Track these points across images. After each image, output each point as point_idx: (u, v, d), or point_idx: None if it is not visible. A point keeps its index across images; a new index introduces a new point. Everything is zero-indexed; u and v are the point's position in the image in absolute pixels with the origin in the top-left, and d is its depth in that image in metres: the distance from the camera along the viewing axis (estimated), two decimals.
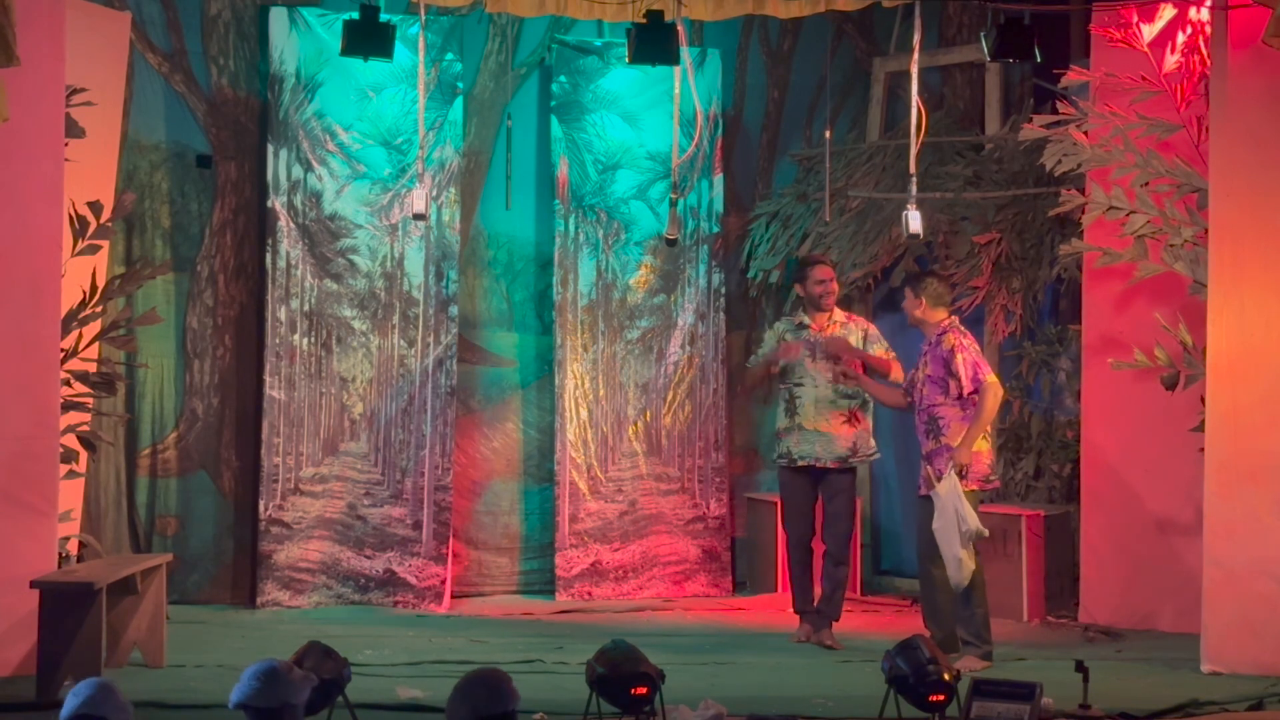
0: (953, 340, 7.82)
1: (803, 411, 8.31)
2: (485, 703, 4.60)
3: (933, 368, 7.84)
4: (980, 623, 7.72)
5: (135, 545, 9.23)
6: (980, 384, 7.73)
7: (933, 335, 7.91)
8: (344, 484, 9.45)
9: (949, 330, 7.88)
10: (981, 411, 7.72)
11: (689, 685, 6.75)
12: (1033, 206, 9.71)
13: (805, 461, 8.31)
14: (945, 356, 7.79)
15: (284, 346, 9.38)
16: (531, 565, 10.03)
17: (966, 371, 7.74)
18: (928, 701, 5.98)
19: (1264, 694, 6.90)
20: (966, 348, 7.82)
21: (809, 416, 8.29)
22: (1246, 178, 7.48)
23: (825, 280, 8.43)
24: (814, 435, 8.28)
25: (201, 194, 9.48)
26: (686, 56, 8.45)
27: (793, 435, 8.33)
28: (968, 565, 7.57)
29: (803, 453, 8.31)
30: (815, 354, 8.29)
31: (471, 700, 4.60)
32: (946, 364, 7.78)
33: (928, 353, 7.91)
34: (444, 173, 9.62)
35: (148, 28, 9.30)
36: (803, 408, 8.31)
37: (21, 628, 6.95)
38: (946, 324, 7.91)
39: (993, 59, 8.40)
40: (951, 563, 7.58)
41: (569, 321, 9.91)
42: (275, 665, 4.76)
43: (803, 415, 8.31)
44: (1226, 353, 7.52)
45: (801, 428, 8.30)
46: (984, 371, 7.78)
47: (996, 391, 7.75)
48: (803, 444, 8.31)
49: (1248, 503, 7.41)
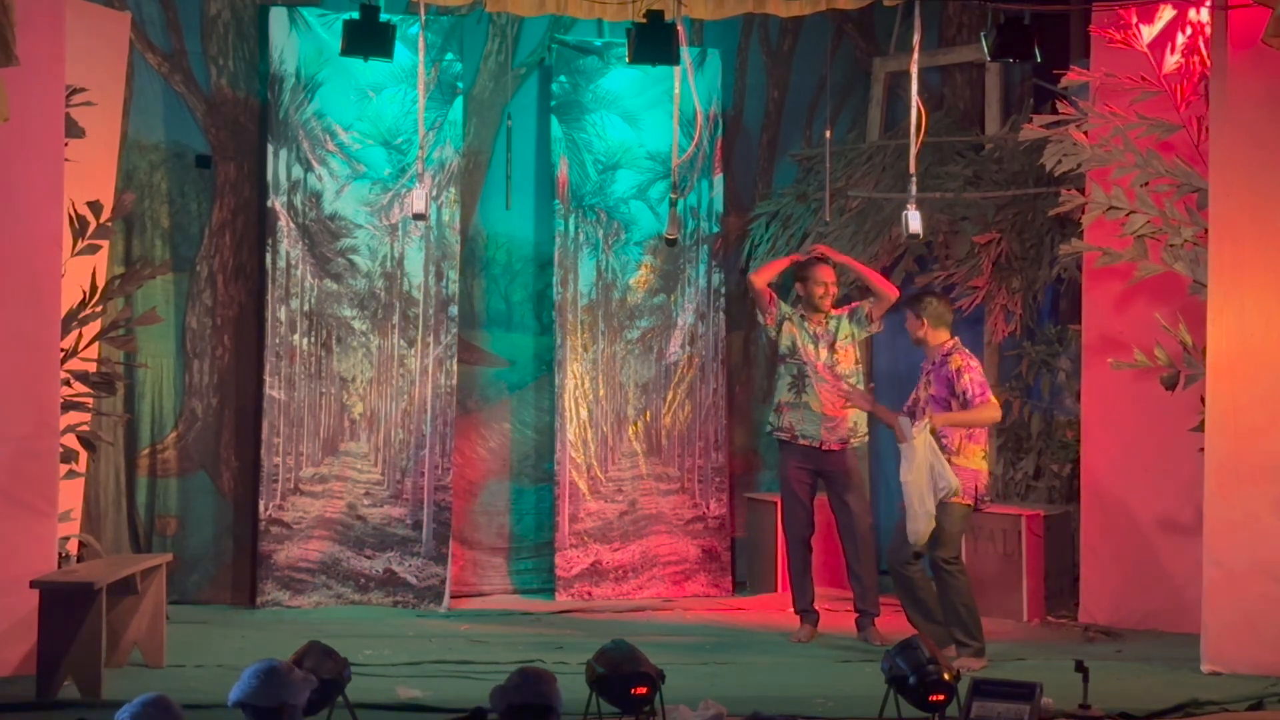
0: (959, 361, 7.85)
1: (811, 391, 8.38)
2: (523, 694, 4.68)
3: (937, 388, 7.86)
4: (970, 622, 7.74)
5: (135, 545, 9.23)
6: (984, 401, 7.79)
7: (937, 356, 7.92)
8: (344, 484, 9.44)
9: (955, 351, 7.90)
10: (972, 412, 7.78)
11: (689, 685, 6.75)
12: (1033, 206, 9.71)
13: (808, 441, 8.38)
14: (950, 376, 7.81)
15: (284, 346, 9.38)
16: (528, 565, 10.03)
17: (974, 390, 7.76)
18: (928, 701, 5.98)
19: (1264, 694, 6.90)
20: (973, 369, 7.86)
21: (817, 399, 8.38)
22: (1246, 178, 7.48)
23: (827, 283, 8.49)
24: (820, 418, 8.37)
25: (201, 194, 9.48)
26: (686, 56, 8.45)
27: (797, 412, 8.41)
28: (932, 520, 7.66)
29: (806, 432, 8.40)
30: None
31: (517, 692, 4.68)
32: (951, 384, 7.80)
33: (930, 372, 7.93)
34: (444, 173, 9.62)
35: (147, 28, 9.30)
36: (811, 388, 8.38)
37: (21, 628, 6.95)
38: (951, 345, 7.93)
39: (993, 59, 8.41)
40: (923, 518, 7.65)
41: (569, 321, 9.91)
42: (275, 664, 4.77)
43: (810, 395, 8.39)
44: (1226, 353, 7.52)
45: (808, 407, 8.39)
46: (989, 393, 7.86)
47: (996, 412, 7.89)
48: (807, 424, 8.39)
49: (1248, 503, 7.42)
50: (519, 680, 4.85)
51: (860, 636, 8.32)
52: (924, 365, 8.03)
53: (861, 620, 8.35)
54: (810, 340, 8.44)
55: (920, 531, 7.66)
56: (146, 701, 4.52)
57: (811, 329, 8.47)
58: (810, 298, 8.48)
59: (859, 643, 8.24)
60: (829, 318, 8.50)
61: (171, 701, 4.58)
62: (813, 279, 8.48)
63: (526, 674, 4.89)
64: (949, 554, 7.81)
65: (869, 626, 8.30)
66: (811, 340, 8.44)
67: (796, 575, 8.51)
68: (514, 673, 4.91)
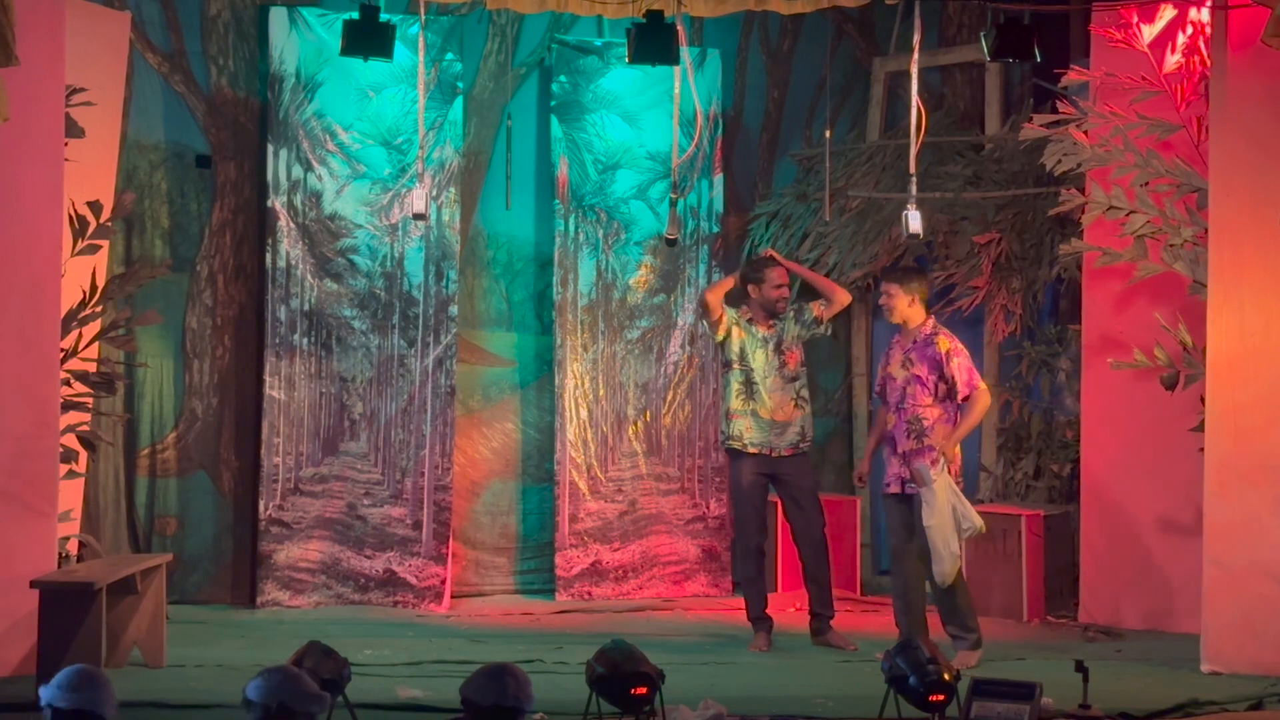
0: (948, 344, 7.81)
1: (759, 399, 8.26)
2: (491, 694, 4.64)
3: (920, 368, 7.81)
4: (966, 613, 7.76)
5: (135, 545, 9.23)
6: (974, 389, 7.77)
7: (919, 335, 7.87)
8: (344, 484, 9.45)
9: (939, 333, 7.87)
10: (970, 415, 7.78)
11: (689, 685, 6.74)
12: (1033, 206, 9.71)
13: (757, 449, 8.27)
14: (939, 359, 7.78)
15: (284, 346, 9.38)
16: (530, 565, 10.03)
17: (962, 376, 7.75)
18: (928, 701, 5.97)
19: (1264, 694, 6.90)
20: (963, 352, 7.83)
21: (766, 405, 8.26)
22: (1246, 178, 7.48)
23: (783, 284, 8.35)
24: (769, 424, 8.25)
25: (201, 194, 9.48)
26: (686, 56, 8.44)
27: (745, 420, 8.27)
28: (958, 560, 7.64)
29: (755, 440, 8.26)
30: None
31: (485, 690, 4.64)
32: (939, 366, 7.77)
33: (911, 351, 7.85)
34: (444, 173, 9.62)
35: (147, 28, 9.30)
36: (759, 395, 8.26)
37: (21, 628, 6.95)
38: (932, 325, 7.91)
39: (993, 59, 8.39)
40: (949, 559, 7.59)
41: (569, 321, 9.91)
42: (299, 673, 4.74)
43: (759, 402, 8.26)
44: (1226, 353, 7.52)
45: (757, 414, 8.26)
46: (977, 378, 7.83)
47: (987, 400, 7.87)
48: (757, 431, 8.26)
49: (1248, 503, 7.41)
50: (485, 679, 4.78)
51: (819, 641, 8.24)
52: (898, 343, 7.94)
53: (817, 624, 8.27)
54: (759, 345, 8.29)
55: (947, 573, 7.61)
56: (73, 672, 4.54)
57: (760, 333, 8.31)
58: (765, 301, 8.29)
59: (859, 643, 8.20)
60: (778, 319, 8.35)
61: (97, 670, 4.60)
62: (768, 281, 8.29)
63: (493, 671, 4.81)
64: None
65: (826, 630, 8.24)
66: (760, 345, 8.29)
67: (749, 583, 8.41)
68: (481, 670, 4.84)
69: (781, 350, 8.31)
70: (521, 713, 4.71)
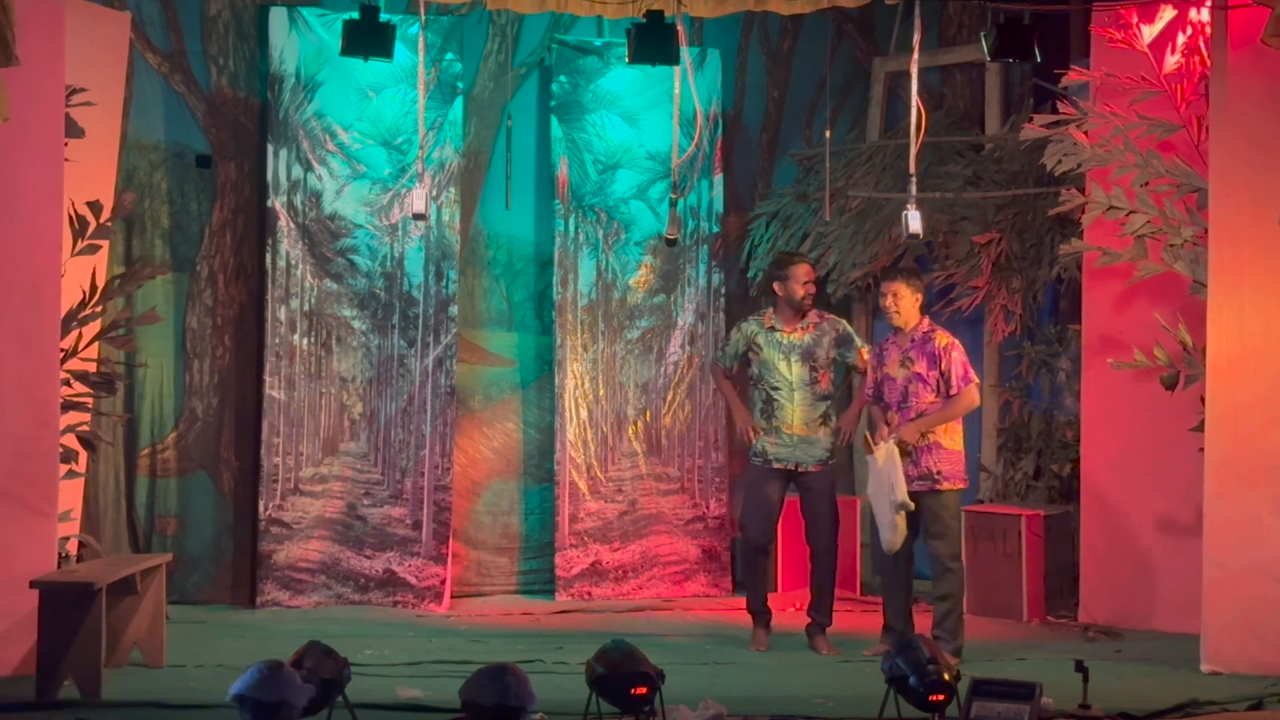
0: (946, 339, 7.88)
1: (782, 415, 8.14)
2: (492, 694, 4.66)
3: (920, 365, 7.85)
4: (957, 620, 7.81)
5: (135, 545, 9.23)
6: (968, 383, 7.81)
7: (917, 334, 7.91)
8: (344, 484, 9.45)
9: (936, 329, 7.95)
10: (954, 406, 7.82)
11: (689, 685, 6.75)
12: (1033, 206, 9.71)
13: (783, 465, 8.19)
14: (937, 353, 7.82)
15: (284, 346, 9.38)
16: (531, 565, 10.03)
17: (957, 371, 7.80)
18: (928, 701, 5.98)
19: (1264, 694, 6.90)
20: (959, 346, 7.91)
21: (788, 421, 8.14)
22: (1246, 178, 7.48)
23: (809, 281, 8.25)
24: (794, 439, 8.15)
25: (201, 194, 9.48)
26: (686, 56, 8.44)
27: (770, 437, 8.17)
28: (900, 530, 7.76)
29: (780, 456, 8.16)
30: None
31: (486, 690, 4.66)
32: (937, 361, 7.80)
33: (910, 350, 7.89)
34: (444, 173, 9.62)
35: (147, 28, 9.29)
36: (782, 411, 8.14)
37: (21, 628, 6.95)
38: (929, 322, 7.98)
39: (993, 59, 8.40)
40: (886, 527, 7.76)
41: (569, 321, 9.91)
42: (281, 663, 4.77)
43: (782, 419, 8.14)
44: (1226, 353, 7.52)
45: (780, 431, 8.15)
46: (972, 374, 7.89)
47: (975, 399, 7.96)
48: (781, 448, 8.16)
49: (1248, 503, 7.42)
50: (485, 679, 4.80)
51: (809, 644, 8.22)
52: (893, 343, 7.95)
53: (810, 628, 8.25)
54: (783, 354, 8.15)
55: (891, 541, 7.78)
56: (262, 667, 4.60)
57: (785, 339, 8.17)
58: (791, 298, 8.19)
59: (859, 643, 8.20)
60: (805, 325, 8.21)
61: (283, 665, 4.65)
62: (794, 278, 8.18)
63: (493, 672, 4.83)
64: (955, 550, 7.91)
65: (818, 635, 8.21)
66: (784, 354, 8.15)
67: (750, 578, 8.39)
68: (482, 670, 4.86)
69: (815, 368, 8.15)
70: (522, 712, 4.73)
